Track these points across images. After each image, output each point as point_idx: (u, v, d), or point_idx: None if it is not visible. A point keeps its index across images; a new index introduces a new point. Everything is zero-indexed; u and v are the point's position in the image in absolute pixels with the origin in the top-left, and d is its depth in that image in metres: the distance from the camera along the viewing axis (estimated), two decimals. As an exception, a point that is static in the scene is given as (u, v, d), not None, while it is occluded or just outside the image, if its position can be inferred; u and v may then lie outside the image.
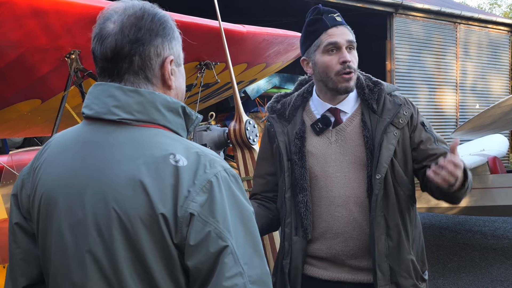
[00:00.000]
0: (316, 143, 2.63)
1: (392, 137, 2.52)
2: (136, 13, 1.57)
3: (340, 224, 2.56)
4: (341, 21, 2.58)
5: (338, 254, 2.58)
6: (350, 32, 2.58)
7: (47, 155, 1.67)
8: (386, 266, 2.51)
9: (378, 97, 2.60)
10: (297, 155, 2.61)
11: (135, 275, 1.47)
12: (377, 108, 2.58)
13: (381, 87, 2.63)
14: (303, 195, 2.58)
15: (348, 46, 2.55)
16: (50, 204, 1.57)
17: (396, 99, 2.61)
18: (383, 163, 2.50)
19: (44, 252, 1.62)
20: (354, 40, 2.57)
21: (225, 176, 1.52)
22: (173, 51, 1.64)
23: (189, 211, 1.44)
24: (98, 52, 1.58)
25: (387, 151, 2.51)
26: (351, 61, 2.54)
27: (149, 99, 1.55)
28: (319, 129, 2.63)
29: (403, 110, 2.56)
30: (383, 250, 2.51)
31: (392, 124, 2.54)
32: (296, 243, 2.62)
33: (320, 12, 2.61)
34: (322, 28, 2.57)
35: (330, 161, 2.59)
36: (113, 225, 1.47)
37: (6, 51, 3.62)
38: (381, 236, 2.51)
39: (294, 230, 2.62)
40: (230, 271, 1.43)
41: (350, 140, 2.59)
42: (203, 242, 1.44)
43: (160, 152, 1.49)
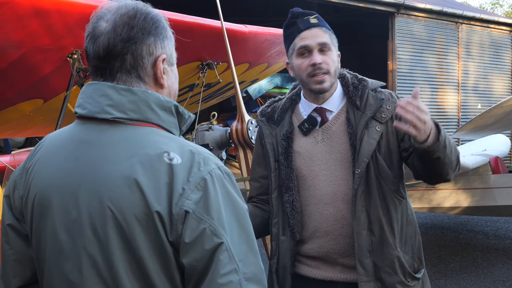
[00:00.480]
0: (303, 143, 2.65)
1: (374, 132, 2.52)
2: (129, 12, 1.58)
3: (329, 222, 2.57)
4: (317, 22, 2.57)
5: (329, 252, 2.59)
6: (326, 33, 2.57)
7: (39, 156, 1.67)
8: (369, 262, 2.50)
9: (362, 93, 2.61)
10: (283, 156, 2.63)
11: (130, 274, 1.48)
12: (360, 104, 2.58)
13: (364, 83, 2.64)
14: (289, 195, 2.60)
15: (320, 48, 2.55)
16: (44, 204, 1.57)
17: (380, 94, 2.62)
18: (363, 158, 2.49)
19: (38, 252, 1.62)
20: (327, 42, 2.55)
21: (219, 174, 1.53)
22: (166, 50, 1.65)
23: (184, 209, 1.45)
24: (90, 51, 1.59)
25: (368, 145, 2.50)
26: (322, 62, 2.53)
27: (142, 97, 1.56)
28: (306, 129, 2.64)
29: (386, 104, 2.55)
30: (365, 245, 2.50)
31: (375, 119, 2.54)
32: (284, 243, 2.63)
33: (294, 15, 2.62)
34: (296, 31, 2.59)
35: (317, 159, 2.60)
36: (108, 224, 1.47)
37: (8, 51, 3.63)
38: (362, 232, 2.50)
39: (282, 230, 2.64)
40: (225, 268, 1.44)
41: (336, 138, 2.60)
42: (198, 240, 1.44)
43: (154, 150, 1.50)
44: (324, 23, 2.60)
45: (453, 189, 7.98)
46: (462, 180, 7.85)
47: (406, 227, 2.63)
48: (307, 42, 2.55)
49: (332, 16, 17.03)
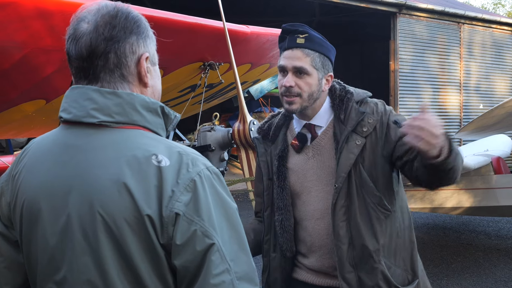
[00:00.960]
0: (296, 160, 2.66)
1: (353, 146, 2.49)
2: (110, 12, 1.58)
3: (322, 236, 2.58)
4: (301, 43, 2.53)
5: (324, 266, 2.61)
6: (308, 57, 2.52)
7: (26, 161, 1.66)
8: (353, 277, 2.49)
9: (346, 106, 2.58)
10: (276, 175, 2.65)
11: (123, 277, 1.48)
12: (344, 118, 2.56)
13: (348, 96, 2.61)
14: (279, 214, 2.62)
15: (296, 71, 2.52)
16: (33, 210, 1.57)
17: (364, 106, 2.58)
18: (341, 173, 2.48)
19: (29, 259, 1.61)
20: (303, 67, 2.51)
21: (207, 174, 1.53)
22: (148, 49, 1.65)
23: (174, 211, 1.45)
24: (73, 52, 1.58)
25: (345, 160, 2.49)
26: (294, 86, 2.52)
27: (128, 100, 1.56)
28: (298, 148, 2.65)
29: (367, 118, 2.52)
30: (346, 259, 2.49)
31: (355, 132, 2.51)
32: (274, 260, 2.67)
33: (284, 31, 2.61)
34: (282, 48, 2.60)
35: (309, 176, 2.61)
36: (99, 228, 1.47)
37: (11, 51, 3.63)
38: (342, 246, 2.49)
39: (273, 247, 2.68)
40: (217, 268, 1.45)
41: (325, 153, 2.60)
42: (190, 241, 1.45)
43: (142, 153, 1.50)
44: (314, 44, 2.55)
45: (455, 189, 7.97)
46: (464, 181, 7.84)
47: (395, 240, 2.57)
48: (285, 62, 2.55)
49: (334, 16, 17.05)
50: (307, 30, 2.56)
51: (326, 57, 2.58)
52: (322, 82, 2.58)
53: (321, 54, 2.56)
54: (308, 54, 2.53)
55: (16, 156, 1.75)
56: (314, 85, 2.55)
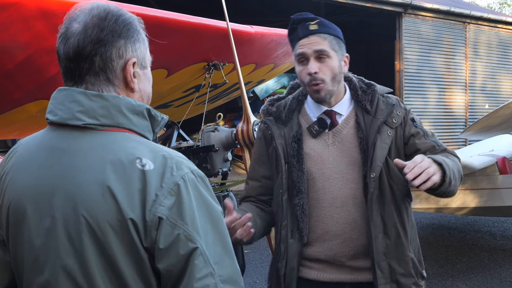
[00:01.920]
0: (314, 145, 2.64)
1: (386, 137, 2.55)
2: (100, 14, 1.58)
3: (339, 225, 2.57)
4: (316, 29, 2.55)
5: (337, 255, 2.59)
6: (325, 40, 2.55)
7: (13, 163, 1.66)
8: (385, 265, 2.53)
9: (372, 98, 2.63)
10: (295, 158, 2.62)
11: (107, 280, 1.48)
12: (371, 109, 2.61)
13: (374, 88, 2.67)
14: (300, 198, 2.59)
15: (317, 55, 2.54)
16: (19, 212, 1.57)
17: (389, 99, 2.65)
18: (377, 162, 2.52)
19: (16, 260, 1.62)
20: (323, 49, 2.53)
21: (192, 178, 1.53)
22: (137, 53, 1.63)
23: (157, 215, 1.45)
24: (61, 52, 1.58)
25: (381, 150, 2.53)
26: (318, 72, 2.53)
27: (114, 103, 1.55)
28: (316, 132, 2.64)
29: (396, 110, 2.60)
30: (381, 248, 2.53)
31: (386, 123, 2.57)
32: (292, 246, 2.62)
33: (294, 22, 2.62)
34: (296, 38, 2.60)
35: (328, 163, 2.60)
36: (83, 231, 1.47)
37: (15, 52, 3.64)
38: (378, 235, 2.53)
39: (290, 233, 2.63)
40: (200, 272, 1.45)
41: (347, 142, 2.61)
42: (173, 245, 1.45)
43: (127, 156, 1.49)
44: (327, 28, 2.58)
45: (460, 189, 7.92)
46: (469, 181, 7.82)
47: (411, 229, 2.66)
48: (304, 49, 2.55)
49: (339, 16, 17.02)
50: (317, 17, 2.60)
51: (340, 39, 2.62)
52: (341, 63, 2.61)
53: (335, 37, 2.59)
54: (325, 38, 2.56)
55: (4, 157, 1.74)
56: (336, 67, 2.58)
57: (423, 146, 2.60)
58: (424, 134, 2.63)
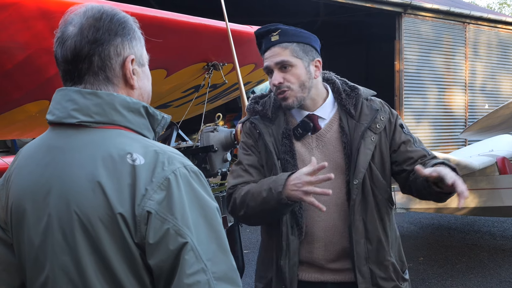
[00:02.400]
0: (298, 147, 2.64)
1: (370, 142, 2.55)
2: (95, 14, 1.59)
3: (321, 229, 2.58)
4: (277, 40, 2.56)
5: (318, 258, 2.61)
6: (286, 49, 2.54)
7: (16, 164, 1.69)
8: (366, 269, 2.54)
9: (356, 101, 2.63)
10: (289, 154, 2.61)
11: (100, 276, 1.48)
12: (355, 113, 2.60)
13: (358, 92, 2.65)
14: None
15: (280, 66, 2.54)
16: (19, 212, 1.59)
17: (373, 103, 2.65)
18: (361, 168, 2.52)
19: (21, 260, 1.64)
20: (284, 60, 2.53)
21: (184, 173, 1.52)
22: (134, 50, 1.65)
23: (146, 209, 1.45)
24: (59, 55, 1.60)
25: (364, 156, 2.53)
26: (281, 82, 2.53)
27: (107, 100, 1.56)
28: (299, 135, 2.64)
29: (380, 115, 2.60)
30: (362, 253, 2.54)
31: (369, 129, 2.57)
32: (293, 242, 2.62)
33: (258, 36, 2.64)
34: (262, 52, 2.63)
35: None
36: (75, 228, 1.48)
37: (14, 52, 3.64)
38: (360, 240, 2.54)
39: (291, 229, 2.62)
40: (191, 268, 1.44)
41: (330, 146, 2.61)
42: (163, 240, 1.44)
43: (117, 152, 1.50)
44: (288, 36, 2.56)
45: (460, 189, 7.94)
46: (469, 181, 7.82)
47: (393, 232, 2.69)
48: (267, 63, 2.58)
49: (339, 16, 17.03)
50: (279, 27, 2.58)
51: (307, 44, 2.59)
52: (310, 69, 2.58)
53: (299, 43, 2.57)
54: (286, 47, 2.55)
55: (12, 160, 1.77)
56: (303, 74, 2.56)
57: (416, 154, 2.61)
58: (414, 141, 2.64)
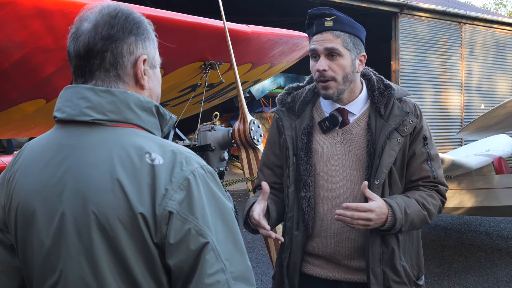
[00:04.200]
0: (322, 141, 2.64)
1: (395, 144, 2.52)
2: (111, 12, 1.59)
3: (339, 224, 2.56)
4: (330, 26, 2.53)
5: (334, 253, 2.60)
6: (338, 38, 2.52)
7: (20, 164, 1.66)
8: (380, 271, 2.52)
9: (387, 101, 2.59)
10: (303, 151, 2.62)
11: (117, 277, 1.47)
12: (384, 113, 2.57)
13: (391, 91, 2.61)
14: (306, 191, 2.59)
15: (328, 53, 2.52)
16: (28, 213, 1.56)
17: (405, 105, 2.60)
18: (383, 169, 2.50)
19: (25, 262, 1.61)
20: (335, 47, 2.51)
21: (202, 173, 1.52)
22: (147, 51, 1.65)
23: (167, 209, 1.44)
24: (72, 50, 1.60)
25: (388, 157, 2.51)
26: (326, 69, 2.52)
27: (122, 98, 1.55)
28: (326, 128, 2.63)
29: (409, 118, 2.55)
30: (377, 255, 2.52)
31: (397, 130, 2.53)
32: (297, 238, 2.63)
33: (311, 17, 2.60)
34: (311, 34, 2.59)
35: (333, 160, 2.60)
36: (93, 228, 1.46)
37: (11, 51, 3.62)
38: (376, 241, 2.52)
39: (296, 225, 2.64)
40: (212, 267, 1.44)
41: (355, 142, 2.59)
42: (183, 240, 1.44)
43: (135, 151, 1.49)
44: (343, 25, 2.54)
45: (456, 189, 7.96)
46: (466, 181, 7.83)
47: (406, 237, 2.64)
48: (315, 46, 2.54)
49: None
50: (334, 13, 2.55)
51: (357, 37, 2.57)
52: (355, 62, 2.57)
53: (351, 35, 2.55)
54: (338, 36, 2.52)
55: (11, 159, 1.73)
56: (348, 66, 2.54)
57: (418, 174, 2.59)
58: (428, 159, 2.58)
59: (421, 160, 2.57)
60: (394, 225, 2.40)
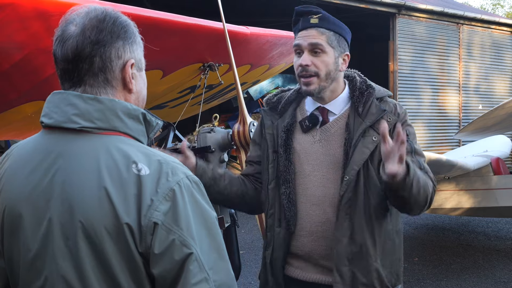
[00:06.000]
0: (301, 139, 2.66)
1: (369, 141, 2.51)
2: (98, 16, 1.59)
3: (314, 223, 2.57)
4: (316, 23, 2.55)
5: (311, 252, 2.60)
6: (323, 35, 2.55)
7: (7, 167, 1.66)
8: (347, 271, 2.49)
9: (366, 100, 2.59)
10: (282, 148, 2.65)
11: (103, 284, 1.48)
12: (362, 111, 2.57)
13: (371, 91, 2.63)
14: (286, 187, 2.61)
15: (312, 49, 2.54)
16: (14, 217, 1.57)
17: (384, 104, 2.60)
18: (353, 166, 2.49)
19: (11, 265, 1.62)
20: (319, 43, 2.53)
21: (187, 183, 1.54)
22: (134, 54, 1.66)
23: (152, 220, 1.46)
24: (59, 54, 1.59)
25: (360, 154, 2.50)
26: (309, 64, 2.53)
27: (109, 106, 1.56)
28: (306, 127, 2.65)
29: (387, 116, 2.54)
30: (344, 253, 2.49)
31: (373, 128, 2.52)
32: (279, 235, 2.65)
33: (297, 14, 2.62)
34: (296, 30, 2.62)
35: (311, 159, 2.61)
36: (79, 235, 1.47)
37: (11, 52, 3.62)
38: (342, 239, 2.50)
39: (277, 222, 2.66)
40: (195, 277, 1.46)
41: (333, 141, 2.60)
42: (168, 250, 1.46)
43: (122, 160, 1.50)
44: (328, 23, 2.57)
45: (454, 190, 7.98)
46: (464, 181, 7.85)
47: (386, 241, 2.59)
48: (300, 41, 2.57)
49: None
50: (321, 11, 2.58)
51: (342, 36, 2.61)
52: (338, 61, 2.60)
53: (336, 33, 2.58)
54: (323, 33, 2.56)
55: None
56: (331, 64, 2.57)
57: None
58: (412, 151, 2.54)
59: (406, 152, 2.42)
60: (408, 174, 2.31)
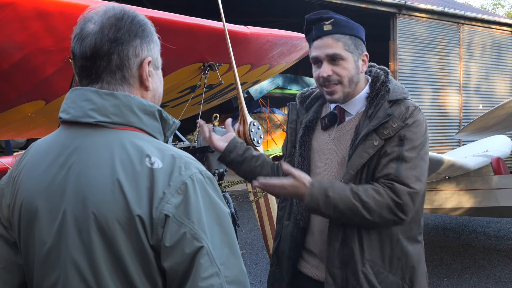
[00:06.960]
0: (319, 137, 2.67)
1: (370, 146, 2.43)
2: (116, 14, 1.62)
3: (322, 221, 2.57)
4: (329, 30, 2.50)
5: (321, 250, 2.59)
6: (338, 42, 2.49)
7: (25, 163, 1.69)
8: (340, 273, 2.46)
9: (377, 102, 2.52)
10: (299, 143, 2.67)
11: (114, 277, 1.49)
12: (371, 114, 2.51)
13: (383, 93, 2.54)
14: None
15: (330, 59, 2.50)
16: (31, 211, 1.59)
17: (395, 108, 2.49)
18: (349, 170, 2.45)
19: (27, 259, 1.64)
20: (336, 53, 2.48)
21: (200, 178, 1.54)
22: (152, 53, 1.68)
23: (164, 213, 1.46)
24: (77, 51, 1.61)
25: (357, 158, 2.44)
26: (331, 74, 2.50)
27: (125, 102, 1.58)
28: (325, 125, 2.66)
29: (392, 121, 2.44)
30: (335, 254, 2.47)
31: (376, 132, 2.44)
32: (287, 228, 2.67)
33: (309, 22, 2.57)
34: (310, 40, 2.57)
35: (324, 158, 2.62)
36: (92, 228, 1.48)
37: (11, 52, 3.62)
38: (334, 243, 2.47)
39: (287, 215, 2.68)
40: (206, 271, 1.46)
41: (344, 141, 2.59)
42: (179, 243, 1.46)
43: (136, 154, 1.52)
44: (342, 27, 2.51)
45: (455, 190, 7.97)
46: (464, 181, 7.84)
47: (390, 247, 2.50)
48: (317, 53, 2.53)
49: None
50: (332, 15, 2.53)
51: (357, 37, 2.55)
52: (359, 63, 2.57)
53: (351, 36, 2.53)
54: (338, 39, 2.50)
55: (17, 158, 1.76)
56: (352, 69, 2.53)
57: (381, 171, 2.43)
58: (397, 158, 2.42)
59: (389, 159, 2.42)
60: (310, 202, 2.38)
